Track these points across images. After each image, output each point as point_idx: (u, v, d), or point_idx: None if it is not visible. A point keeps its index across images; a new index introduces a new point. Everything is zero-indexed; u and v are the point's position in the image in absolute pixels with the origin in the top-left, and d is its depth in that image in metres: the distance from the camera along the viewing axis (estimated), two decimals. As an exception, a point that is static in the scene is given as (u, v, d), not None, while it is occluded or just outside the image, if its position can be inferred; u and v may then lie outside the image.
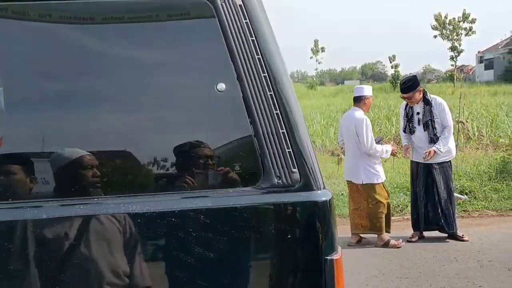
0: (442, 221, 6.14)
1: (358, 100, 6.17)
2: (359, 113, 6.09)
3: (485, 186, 8.18)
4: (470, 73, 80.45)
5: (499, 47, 71.07)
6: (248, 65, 1.80)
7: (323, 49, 60.59)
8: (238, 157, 1.82)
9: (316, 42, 60.62)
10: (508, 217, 7.16)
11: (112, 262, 1.64)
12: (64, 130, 1.73)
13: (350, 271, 5.24)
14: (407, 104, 6.27)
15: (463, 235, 6.13)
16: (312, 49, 60.83)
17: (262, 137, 1.77)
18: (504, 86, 43.24)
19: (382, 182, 6.08)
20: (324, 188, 1.84)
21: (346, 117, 6.31)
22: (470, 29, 51.13)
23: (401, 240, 6.08)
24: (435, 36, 52.88)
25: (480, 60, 77.47)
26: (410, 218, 6.44)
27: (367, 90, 6.31)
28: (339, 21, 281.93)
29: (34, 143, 1.70)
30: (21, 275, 1.59)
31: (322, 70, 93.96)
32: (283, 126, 1.79)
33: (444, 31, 51.92)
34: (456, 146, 7.08)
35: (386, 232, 6.06)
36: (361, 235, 6.16)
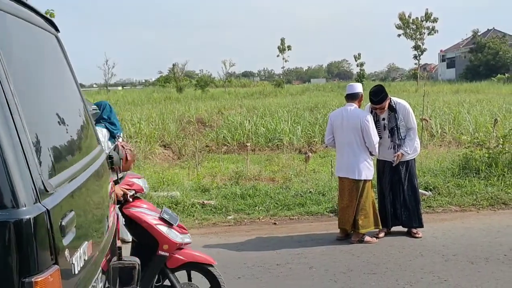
0: (406, 217, 6.27)
1: (355, 97, 6.18)
2: (360, 109, 6.16)
3: (448, 182, 8.35)
4: (433, 71, 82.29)
5: (461, 46, 72.79)
6: None
7: (289, 48, 60.77)
8: None
9: (282, 40, 60.78)
10: (471, 212, 7.33)
11: None
12: None
13: (318, 267, 5.28)
14: (371, 111, 6.33)
15: (417, 231, 6.27)
16: (279, 48, 60.97)
17: None
18: (466, 84, 44.45)
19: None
20: (35, 203, 1.70)
21: (344, 113, 6.14)
22: (433, 28, 52.12)
23: (375, 238, 6.15)
24: (399, 35, 53.74)
25: (442, 58, 79.21)
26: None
27: (361, 87, 6.38)
28: (305, 19, 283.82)
29: None
30: None
31: (288, 68, 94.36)
32: None
33: (408, 30, 52.79)
34: (420, 143, 7.20)
35: (375, 228, 6.19)
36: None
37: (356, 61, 57.43)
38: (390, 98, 6.23)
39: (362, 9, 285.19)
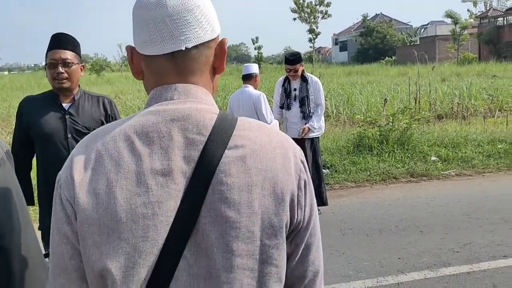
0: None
1: (249, 78, 6.18)
2: (253, 89, 6.15)
3: (344, 160, 8.74)
4: (327, 54, 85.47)
5: (352, 30, 76.17)
6: None
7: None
8: None
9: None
10: (365, 188, 7.73)
11: None
12: None
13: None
14: (285, 81, 6.48)
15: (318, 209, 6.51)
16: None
17: None
18: (357, 67, 46.63)
19: None
20: None
21: (240, 95, 6.20)
22: (326, 12, 53.95)
23: None
24: (294, 19, 55.08)
25: (336, 42, 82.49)
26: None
27: (256, 68, 6.38)
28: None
29: None
30: None
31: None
32: None
33: (303, 14, 54.22)
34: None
35: None
36: None
37: (253, 44, 58.09)
38: (304, 70, 6.44)
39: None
